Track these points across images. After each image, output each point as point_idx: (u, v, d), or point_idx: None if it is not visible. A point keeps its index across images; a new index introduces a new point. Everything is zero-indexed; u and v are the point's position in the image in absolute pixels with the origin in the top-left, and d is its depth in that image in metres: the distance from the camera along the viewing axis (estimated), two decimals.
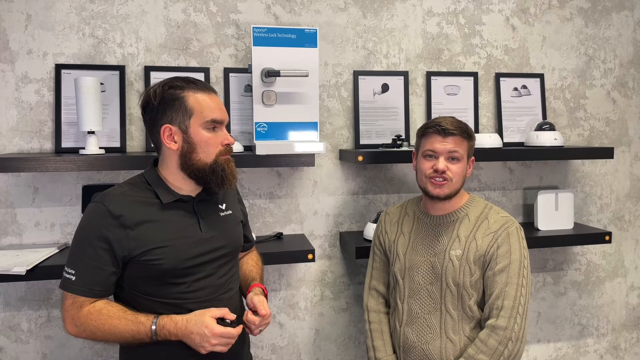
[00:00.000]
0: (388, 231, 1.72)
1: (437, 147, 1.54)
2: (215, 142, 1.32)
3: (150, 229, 1.28)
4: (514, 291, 1.49)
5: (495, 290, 1.50)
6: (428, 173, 1.55)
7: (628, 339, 2.56)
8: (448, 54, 2.24)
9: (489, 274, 1.52)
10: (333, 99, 2.13)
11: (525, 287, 1.50)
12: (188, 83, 1.32)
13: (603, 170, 2.44)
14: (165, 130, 1.30)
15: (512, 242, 1.53)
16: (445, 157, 1.53)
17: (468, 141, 1.57)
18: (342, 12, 2.12)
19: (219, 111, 1.32)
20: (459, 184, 1.57)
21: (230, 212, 1.46)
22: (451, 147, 1.53)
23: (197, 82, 1.34)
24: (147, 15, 1.96)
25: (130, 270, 1.28)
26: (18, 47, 1.87)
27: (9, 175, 1.88)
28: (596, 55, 2.40)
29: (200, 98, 1.30)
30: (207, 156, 1.31)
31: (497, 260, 1.51)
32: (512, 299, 1.48)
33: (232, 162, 1.37)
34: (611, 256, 2.49)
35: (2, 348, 1.94)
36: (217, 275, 1.37)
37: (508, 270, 1.50)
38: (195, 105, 1.29)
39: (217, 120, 1.32)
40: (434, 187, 1.55)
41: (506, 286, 1.49)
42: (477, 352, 1.48)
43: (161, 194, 1.32)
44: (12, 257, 1.74)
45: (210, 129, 1.31)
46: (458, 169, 1.55)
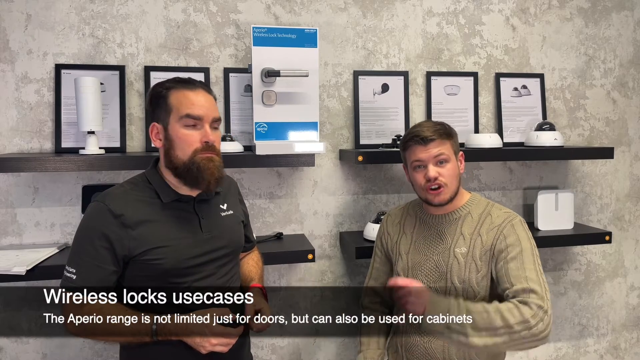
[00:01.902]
0: (390, 232, 1.72)
1: (422, 157, 1.54)
2: (192, 139, 1.28)
3: (150, 229, 1.28)
4: (535, 276, 1.43)
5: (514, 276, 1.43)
6: (423, 184, 1.56)
7: (628, 339, 2.56)
8: (448, 54, 2.24)
9: (500, 264, 1.49)
10: (333, 99, 2.13)
11: (542, 273, 1.45)
12: (177, 82, 1.30)
13: (603, 170, 2.44)
14: (153, 128, 1.31)
15: (519, 232, 1.52)
16: (433, 163, 1.53)
17: (450, 140, 1.56)
18: (342, 12, 2.12)
19: (197, 107, 1.28)
20: (455, 185, 1.57)
21: (231, 212, 1.46)
22: (436, 152, 1.53)
23: (187, 81, 1.31)
24: (147, 15, 1.96)
25: (131, 270, 1.28)
26: (18, 47, 1.87)
27: (9, 175, 1.88)
28: (596, 55, 2.40)
29: (182, 94, 1.28)
30: (184, 153, 1.28)
31: (508, 250, 1.49)
32: (538, 284, 1.41)
33: (214, 161, 1.30)
34: (611, 256, 2.49)
35: (2, 348, 1.94)
36: (218, 275, 1.37)
37: (522, 256, 1.47)
38: (174, 102, 1.28)
39: (193, 116, 1.27)
40: (433, 196, 1.55)
41: (525, 271, 1.44)
42: (505, 311, 1.37)
43: (161, 193, 1.32)
44: (12, 257, 1.74)
45: (189, 126, 1.28)
46: (449, 171, 1.55)
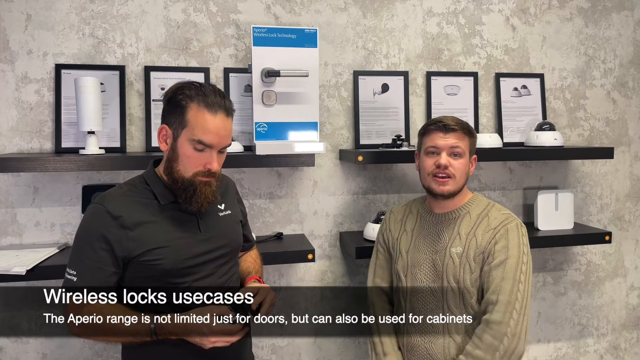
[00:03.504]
0: (392, 229, 1.72)
1: (439, 143, 1.55)
2: (197, 162, 1.28)
3: (149, 230, 1.28)
4: (509, 286, 1.48)
5: (492, 285, 1.49)
6: (431, 170, 1.56)
7: (628, 339, 2.56)
8: (448, 54, 2.24)
9: (485, 269, 1.52)
10: (333, 99, 2.13)
11: (523, 283, 1.49)
12: (201, 95, 1.27)
13: (603, 170, 2.44)
14: (162, 129, 1.31)
15: (511, 238, 1.53)
16: (447, 152, 1.54)
17: (469, 138, 1.58)
18: (342, 12, 2.12)
19: (212, 135, 1.26)
20: (462, 181, 1.57)
21: (229, 212, 1.46)
22: (453, 143, 1.54)
23: (211, 97, 1.27)
24: (147, 15, 1.96)
25: (131, 271, 1.29)
26: (18, 47, 1.87)
27: (9, 175, 1.88)
28: (596, 55, 2.40)
29: (201, 115, 1.26)
30: (185, 171, 1.29)
31: (494, 256, 1.51)
32: (507, 294, 1.47)
33: (211, 186, 1.31)
34: (611, 256, 2.49)
35: (2, 348, 1.94)
36: (217, 274, 1.37)
37: (505, 265, 1.50)
38: (192, 119, 1.26)
39: (205, 143, 1.27)
40: (438, 184, 1.55)
41: (502, 281, 1.48)
42: (474, 348, 1.48)
43: (159, 194, 1.32)
44: (12, 257, 1.74)
45: (198, 149, 1.27)
46: (460, 165, 1.55)
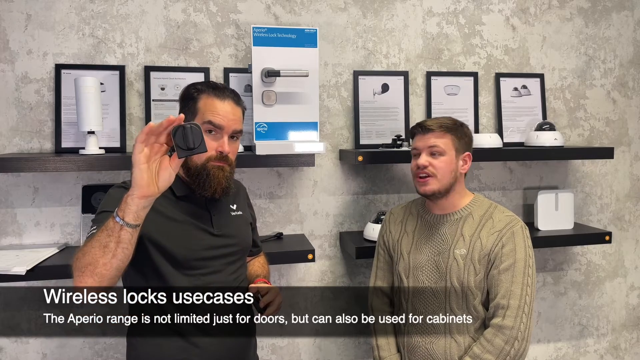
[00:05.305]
0: (392, 231, 1.72)
1: (418, 144, 1.58)
2: (208, 146, 1.27)
3: (164, 219, 1.31)
4: (519, 290, 1.49)
5: (501, 290, 1.50)
6: (414, 171, 1.60)
7: (628, 339, 2.56)
8: (448, 54, 2.24)
9: (493, 272, 1.52)
10: (333, 99, 2.13)
11: (530, 286, 1.50)
12: (209, 87, 1.35)
13: (603, 170, 2.44)
14: None
15: (517, 241, 1.53)
16: (426, 152, 1.57)
17: (452, 135, 1.57)
18: (342, 12, 2.12)
19: (220, 116, 1.32)
20: (447, 179, 1.56)
21: (240, 212, 1.49)
22: (431, 142, 1.56)
23: (219, 88, 1.36)
24: (147, 15, 1.96)
25: (143, 254, 1.27)
26: (18, 47, 1.87)
27: (9, 175, 1.88)
28: (596, 55, 2.40)
29: (210, 101, 1.33)
30: (199, 157, 1.31)
31: (501, 259, 1.51)
32: (518, 298, 1.48)
33: (224, 171, 1.34)
34: (611, 256, 2.49)
35: (2, 348, 1.94)
36: (226, 272, 1.39)
37: (513, 269, 1.51)
38: (201, 106, 1.33)
39: (214, 123, 1.32)
40: (420, 184, 1.58)
41: (512, 285, 1.49)
42: (483, 352, 1.48)
43: (175, 186, 1.33)
44: (12, 257, 1.74)
45: (209, 131, 1.32)
46: (441, 164, 1.55)
